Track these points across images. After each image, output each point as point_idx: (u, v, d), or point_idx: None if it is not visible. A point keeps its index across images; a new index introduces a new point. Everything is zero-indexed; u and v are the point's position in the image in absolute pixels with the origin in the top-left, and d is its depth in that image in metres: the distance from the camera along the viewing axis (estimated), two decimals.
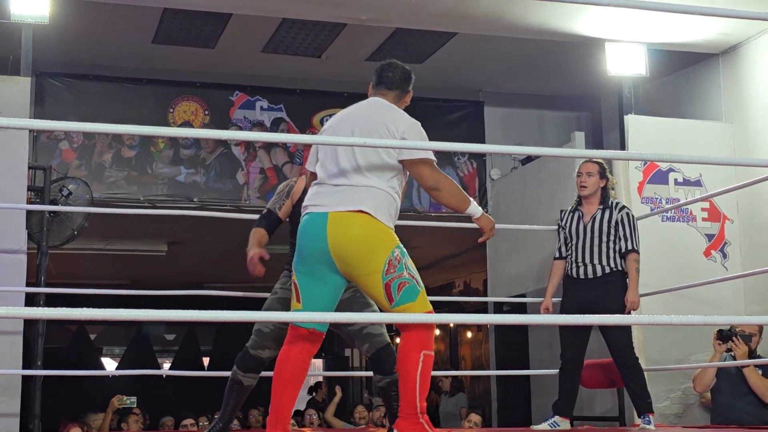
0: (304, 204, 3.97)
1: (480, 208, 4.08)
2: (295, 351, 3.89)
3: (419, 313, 3.73)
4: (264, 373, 4.68)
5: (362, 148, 3.89)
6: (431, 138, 4.29)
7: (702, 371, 6.36)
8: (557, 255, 5.95)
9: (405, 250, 3.84)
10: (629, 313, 5.62)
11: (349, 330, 4.52)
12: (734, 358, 6.13)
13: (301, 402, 9.69)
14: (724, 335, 6.19)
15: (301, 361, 3.90)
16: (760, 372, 6.09)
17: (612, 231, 5.73)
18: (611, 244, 5.72)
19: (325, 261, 3.79)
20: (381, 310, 4.01)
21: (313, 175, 4.02)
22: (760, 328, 6.31)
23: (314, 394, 12.21)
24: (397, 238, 3.86)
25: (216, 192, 9.18)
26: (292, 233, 4.75)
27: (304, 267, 3.86)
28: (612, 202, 5.81)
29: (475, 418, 8.07)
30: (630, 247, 5.70)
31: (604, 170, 5.84)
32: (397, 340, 3.95)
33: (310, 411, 9.79)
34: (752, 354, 6.16)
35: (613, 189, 5.99)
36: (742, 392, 6.11)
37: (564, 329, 5.76)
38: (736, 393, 6.15)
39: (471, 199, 4.05)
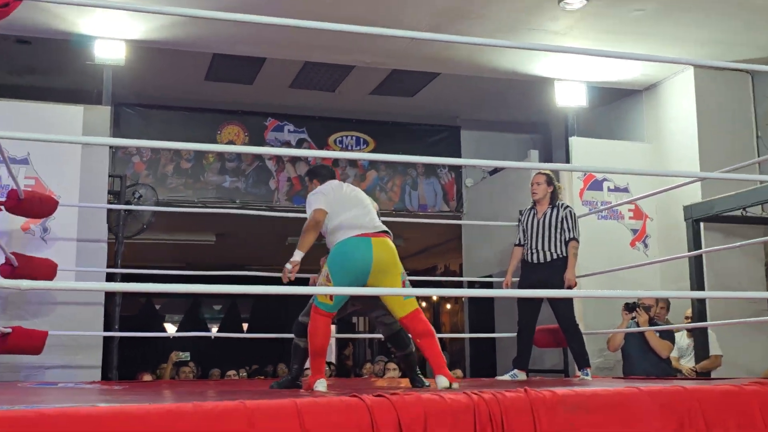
0: (345, 234, 4.23)
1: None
2: (321, 324, 4.22)
3: (416, 307, 4.21)
4: (285, 335, 4.71)
5: (371, 202, 4.46)
6: (419, 154, 4.36)
7: (613, 335, 6.40)
8: (517, 242, 5.97)
9: None
10: (568, 287, 5.63)
11: (371, 315, 4.66)
12: (638, 325, 6.17)
13: None
14: (630, 306, 6.22)
15: (328, 331, 4.25)
16: (657, 335, 6.14)
17: (558, 225, 5.75)
18: (558, 235, 5.74)
19: (364, 275, 4.15)
20: (379, 321, 4.45)
21: (324, 213, 4.33)
22: (658, 300, 6.36)
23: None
24: None
25: (253, 195, 9.19)
26: None
27: (345, 279, 4.15)
28: (559, 203, 5.83)
29: (458, 372, 8.09)
30: (571, 236, 5.72)
31: (551, 179, 5.86)
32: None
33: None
34: (652, 320, 6.21)
35: (561, 193, 6.01)
36: (645, 351, 6.15)
37: (521, 301, 5.78)
38: (640, 352, 6.19)
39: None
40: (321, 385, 4.16)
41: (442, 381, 4.04)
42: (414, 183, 9.74)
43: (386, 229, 4.34)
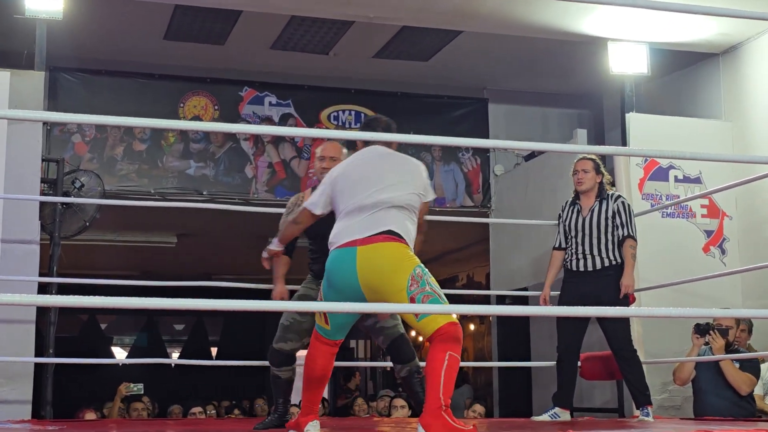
0: (331, 240, 4.11)
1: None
2: (322, 352, 4.20)
3: (444, 324, 3.86)
4: (263, 363, 4.74)
5: (395, 185, 4.12)
6: (436, 134, 4.31)
7: (680, 365, 6.36)
8: (556, 245, 5.96)
9: (425, 268, 4.03)
10: (626, 297, 5.61)
11: (365, 325, 4.72)
12: (712, 352, 6.13)
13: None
14: (701, 329, 6.18)
15: (327, 362, 4.22)
16: (737, 365, 6.08)
17: (610, 223, 5.74)
18: (609, 236, 5.73)
19: (355, 291, 4.00)
20: (406, 325, 4.33)
21: (315, 218, 4.29)
22: (738, 320, 6.29)
23: None
24: (417, 258, 4.06)
25: (225, 185, 9.20)
26: (311, 243, 4.86)
27: (336, 297, 4.05)
28: (608, 194, 5.82)
29: (479, 408, 8.09)
30: (627, 234, 5.71)
31: (598, 166, 5.85)
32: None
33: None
34: (730, 347, 6.15)
35: (611, 185, 6.00)
36: (721, 385, 6.10)
37: (561, 321, 5.77)
38: (714, 386, 6.15)
39: None
40: (314, 428, 4.18)
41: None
42: (429, 170, 9.68)
43: (390, 227, 4.03)
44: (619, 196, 5.85)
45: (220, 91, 9.32)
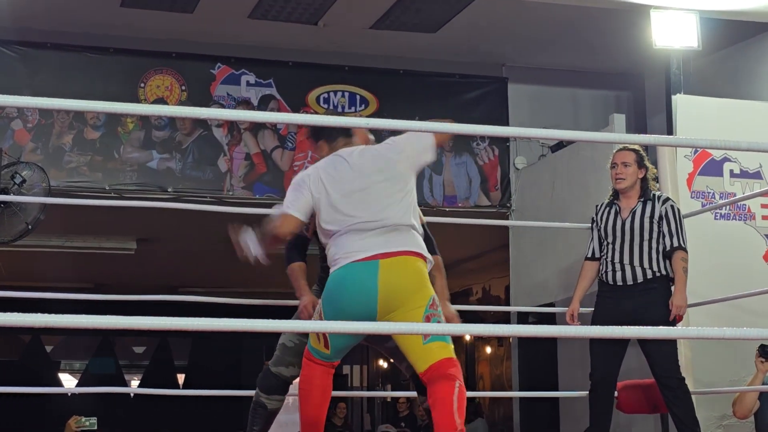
0: (336, 257, 4.23)
1: None
2: (318, 375, 4.32)
3: (446, 358, 4.13)
4: (240, 392, 4.73)
5: (400, 192, 4.38)
6: (445, 119, 4.34)
7: (741, 394, 6.37)
8: (589, 255, 5.95)
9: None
10: (674, 321, 5.62)
11: (386, 346, 4.70)
12: None
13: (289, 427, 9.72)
14: (766, 351, 6.19)
15: (326, 384, 4.34)
16: None
17: (655, 228, 5.74)
18: (654, 244, 5.72)
19: (367, 311, 4.13)
20: (407, 348, 4.29)
21: (298, 222, 4.37)
22: None
23: None
24: None
25: (194, 181, 9.21)
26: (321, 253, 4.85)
27: (339, 318, 4.12)
28: (654, 194, 5.82)
29: None
30: (676, 245, 5.70)
31: (642, 158, 5.84)
32: None
33: None
34: None
35: (655, 180, 5.99)
36: None
37: (595, 344, 5.77)
38: None
39: None
40: None
41: None
42: (437, 163, 9.74)
43: (414, 245, 4.24)
44: (668, 199, 5.85)
45: (188, 69, 9.33)
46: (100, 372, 15.39)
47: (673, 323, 5.64)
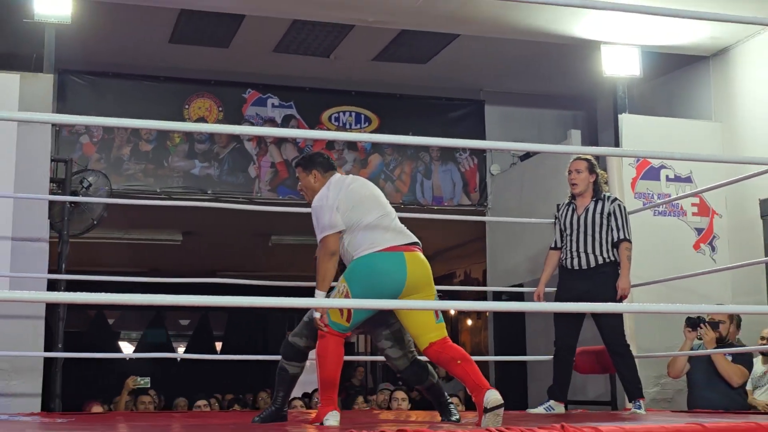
0: (363, 246, 4.26)
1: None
2: (333, 344, 4.30)
3: (446, 336, 4.27)
4: (266, 357, 4.69)
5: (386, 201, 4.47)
6: (434, 135, 4.32)
7: (673, 359, 6.36)
8: (553, 245, 5.96)
9: None
10: (621, 299, 5.62)
11: (379, 345, 4.68)
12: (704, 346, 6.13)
13: (307, 385, 9.71)
14: (692, 322, 6.18)
15: (340, 352, 4.32)
16: (729, 358, 6.08)
17: (604, 222, 5.74)
18: (604, 235, 5.73)
19: (397, 291, 4.22)
20: (416, 330, 4.31)
21: (339, 236, 4.32)
22: (732, 316, 6.29)
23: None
24: None
25: (229, 185, 9.19)
26: None
27: (373, 296, 4.16)
28: (604, 195, 5.82)
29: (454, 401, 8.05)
30: (622, 237, 5.71)
31: (593, 166, 5.84)
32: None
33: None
34: (723, 340, 6.15)
35: (606, 183, 5.99)
36: (713, 378, 6.10)
37: (558, 317, 5.77)
38: (708, 379, 6.15)
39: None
40: (333, 418, 4.24)
41: (496, 394, 4.03)
42: (427, 170, 9.73)
43: (416, 239, 4.36)
44: (616, 199, 5.84)
45: (224, 93, 9.32)
46: (154, 341, 15.39)
47: (620, 301, 5.65)
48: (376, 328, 4.62)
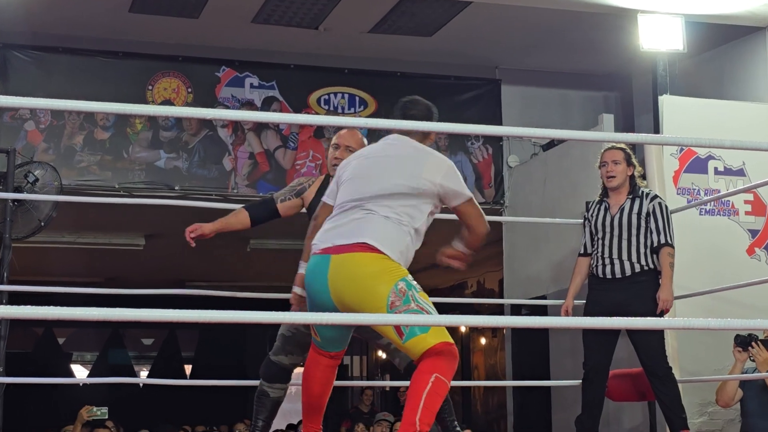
0: (313, 242, 4.07)
1: None
2: (317, 365, 4.23)
3: (436, 344, 3.81)
4: (244, 382, 4.71)
5: (387, 179, 4.09)
6: (442, 120, 4.30)
7: (723, 383, 6.35)
8: (582, 251, 5.96)
9: (413, 282, 3.93)
10: (661, 313, 5.62)
11: (379, 343, 4.73)
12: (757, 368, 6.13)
13: (293, 415, 9.73)
14: (742, 340, 6.17)
15: (325, 374, 4.25)
16: None
17: (643, 223, 5.74)
18: (642, 238, 5.73)
19: (327, 307, 3.95)
20: (392, 348, 4.35)
21: (330, 209, 4.16)
22: None
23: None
24: (404, 271, 3.95)
25: (200, 179, 9.20)
26: None
27: (312, 309, 4.08)
28: (642, 191, 5.82)
29: None
30: (663, 241, 5.70)
31: (630, 157, 5.85)
32: None
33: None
34: None
35: (642, 178, 5.99)
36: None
37: (588, 334, 5.77)
38: (762, 407, 6.14)
39: None
40: None
41: None
42: None
43: (364, 238, 3.92)
44: (656, 196, 5.84)
45: (194, 72, 9.32)
46: (113, 363, 15.40)
47: (661, 315, 5.65)
48: (373, 339, 4.66)
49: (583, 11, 8.07)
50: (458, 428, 4.70)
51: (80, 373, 16.74)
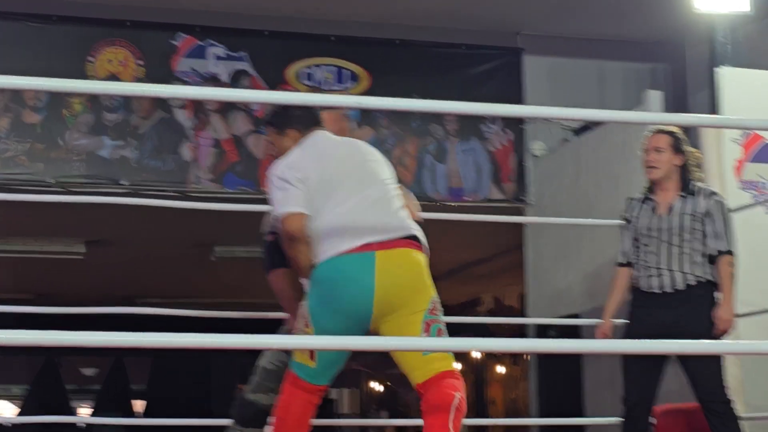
0: (328, 248, 4.25)
1: None
2: (298, 402, 4.31)
3: (450, 368, 4.24)
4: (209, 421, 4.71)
5: (390, 178, 4.52)
6: (450, 98, 4.36)
7: None
8: (622, 260, 5.96)
9: None
10: (721, 335, 5.63)
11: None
12: None
13: None
14: None
15: (305, 413, 4.34)
16: None
17: (698, 227, 5.75)
18: (697, 245, 5.74)
19: (363, 311, 4.22)
20: (402, 356, 4.38)
21: (304, 218, 4.32)
22: None
23: None
24: None
25: (153, 172, 9.21)
26: None
27: (331, 318, 4.22)
28: (696, 187, 5.83)
29: None
30: (723, 248, 5.72)
31: (679, 143, 5.84)
32: None
33: None
34: None
35: (699, 168, 6.00)
36: None
37: (629, 361, 5.78)
38: None
39: None
40: None
41: None
42: (440, 150, 9.75)
43: (412, 231, 4.37)
44: (714, 193, 5.84)
45: (145, 40, 9.34)
46: (44, 399, 15.39)
47: (719, 338, 5.66)
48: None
49: None
50: None
51: (7, 410, 16.75)
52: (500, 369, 14.31)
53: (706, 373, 5.70)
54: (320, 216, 4.32)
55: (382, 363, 14.74)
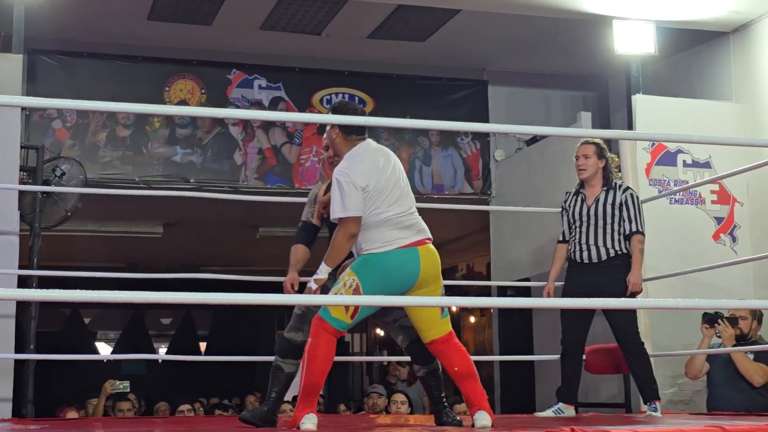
0: (388, 242, 4.38)
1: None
2: (325, 343, 4.30)
3: (448, 329, 4.48)
4: (254, 358, 4.72)
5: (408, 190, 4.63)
6: (434, 118, 4.35)
7: (691, 357, 6.39)
8: (561, 238, 5.98)
9: None
10: (632, 294, 5.64)
11: (384, 321, 4.75)
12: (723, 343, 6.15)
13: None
14: (709, 318, 6.20)
15: (331, 353, 4.33)
16: (751, 356, 6.10)
17: (616, 213, 5.75)
18: (615, 227, 5.75)
19: (408, 288, 4.41)
20: (396, 327, 4.67)
21: (360, 220, 4.37)
22: (754, 312, 6.30)
23: None
24: None
25: (213, 173, 9.19)
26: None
27: (385, 292, 4.30)
28: (615, 183, 5.83)
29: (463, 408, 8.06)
30: (635, 229, 5.73)
31: (602, 150, 5.85)
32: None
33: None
34: (744, 337, 6.17)
35: (618, 169, 6.00)
36: (734, 377, 6.12)
37: (565, 313, 5.79)
38: (727, 379, 6.17)
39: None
40: (310, 421, 4.24)
41: (484, 418, 4.32)
42: (426, 156, 9.74)
43: (429, 232, 4.57)
44: (628, 188, 5.85)
45: (207, 74, 9.31)
46: (132, 340, 15.39)
47: (632, 296, 5.67)
48: (381, 318, 4.69)
49: (563, 17, 8.06)
50: (446, 403, 4.71)
51: (105, 350, 16.75)
52: (472, 319, 14.28)
53: (623, 321, 5.72)
54: (376, 216, 4.37)
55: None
